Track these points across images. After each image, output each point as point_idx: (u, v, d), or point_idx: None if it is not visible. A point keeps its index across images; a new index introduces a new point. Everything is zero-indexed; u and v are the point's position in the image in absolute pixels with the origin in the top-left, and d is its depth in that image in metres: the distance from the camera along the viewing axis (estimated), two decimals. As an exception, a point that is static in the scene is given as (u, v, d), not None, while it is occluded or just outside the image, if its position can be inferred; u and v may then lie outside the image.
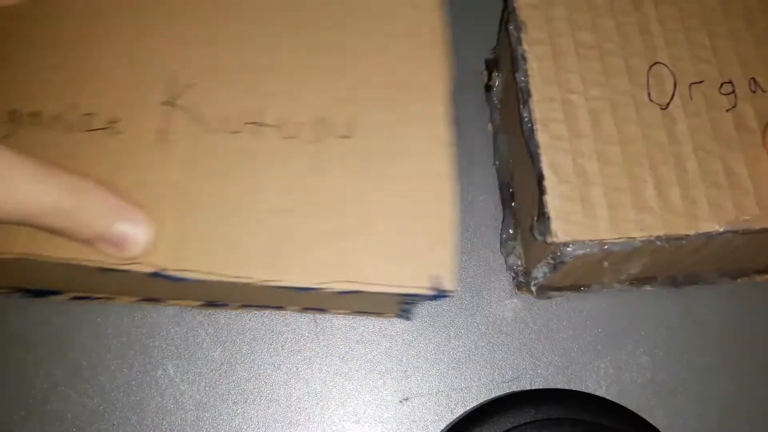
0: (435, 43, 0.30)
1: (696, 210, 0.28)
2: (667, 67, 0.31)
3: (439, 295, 0.26)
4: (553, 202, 0.28)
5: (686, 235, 0.28)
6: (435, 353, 0.35)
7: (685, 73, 0.30)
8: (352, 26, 0.30)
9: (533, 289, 0.34)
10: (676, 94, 0.30)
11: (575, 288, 0.35)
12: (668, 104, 0.30)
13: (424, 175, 0.28)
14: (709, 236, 0.28)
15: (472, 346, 0.35)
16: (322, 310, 0.35)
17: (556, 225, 0.28)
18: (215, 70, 0.29)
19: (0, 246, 0.26)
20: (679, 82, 0.30)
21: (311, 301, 0.34)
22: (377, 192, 0.28)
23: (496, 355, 0.35)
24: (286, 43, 0.30)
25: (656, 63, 0.31)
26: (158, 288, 0.32)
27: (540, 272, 0.32)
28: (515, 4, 0.31)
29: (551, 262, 0.29)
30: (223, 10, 0.31)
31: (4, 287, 0.34)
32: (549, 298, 0.35)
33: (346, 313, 0.36)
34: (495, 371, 0.35)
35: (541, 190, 0.28)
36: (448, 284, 0.26)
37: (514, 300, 0.36)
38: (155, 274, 0.26)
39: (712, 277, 0.36)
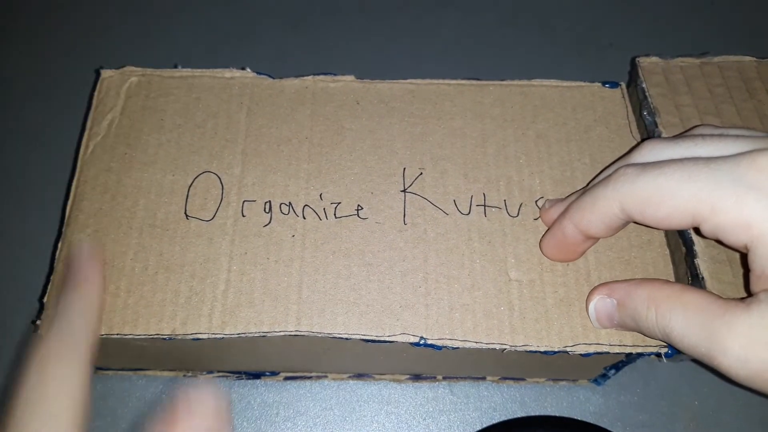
0: (624, 126, 0.34)
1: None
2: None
3: (670, 353, 0.28)
4: (704, 264, 0.31)
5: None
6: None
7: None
8: (549, 118, 0.34)
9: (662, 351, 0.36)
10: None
11: (704, 351, 0.37)
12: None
13: (639, 245, 0.31)
14: None
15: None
16: (520, 380, 0.37)
17: (710, 285, 0.30)
18: (437, 160, 0.33)
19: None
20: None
21: (517, 369, 0.35)
22: (597, 261, 0.31)
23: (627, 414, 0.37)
24: (493, 136, 0.34)
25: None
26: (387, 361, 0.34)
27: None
28: (647, 93, 0.35)
29: (701, 320, 0.32)
30: (437, 111, 0.35)
31: (223, 371, 0.36)
32: (681, 360, 0.37)
33: (542, 382, 0.37)
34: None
35: (692, 255, 0.31)
36: None
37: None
38: (416, 344, 0.28)
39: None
